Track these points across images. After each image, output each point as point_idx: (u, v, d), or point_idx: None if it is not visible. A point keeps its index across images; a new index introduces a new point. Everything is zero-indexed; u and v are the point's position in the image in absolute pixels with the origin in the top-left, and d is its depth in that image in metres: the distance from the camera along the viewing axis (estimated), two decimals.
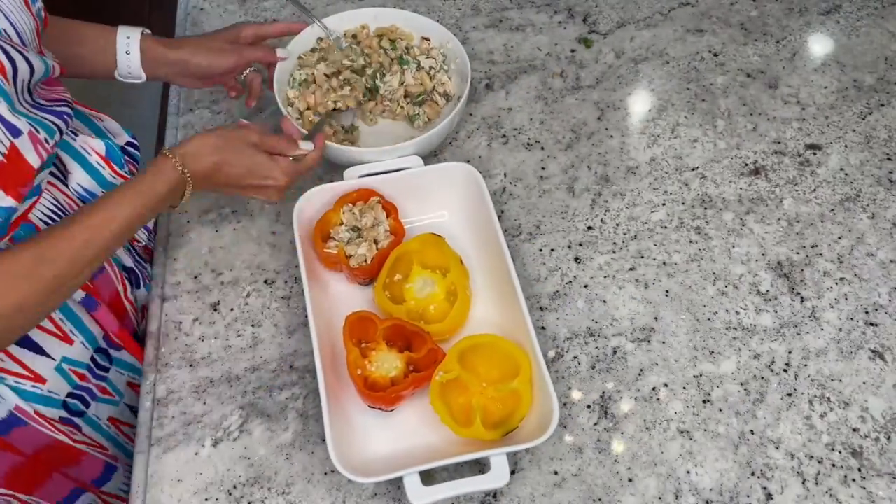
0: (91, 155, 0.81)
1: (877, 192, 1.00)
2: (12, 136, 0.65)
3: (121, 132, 0.90)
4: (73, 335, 0.81)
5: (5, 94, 0.64)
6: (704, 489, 0.78)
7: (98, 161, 0.82)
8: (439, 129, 0.95)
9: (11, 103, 0.65)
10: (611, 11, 1.21)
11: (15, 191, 0.67)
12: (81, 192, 0.80)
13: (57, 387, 0.81)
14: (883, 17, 1.19)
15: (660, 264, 0.94)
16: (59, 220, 0.77)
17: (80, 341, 0.82)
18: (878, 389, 0.84)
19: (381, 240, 0.88)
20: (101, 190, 0.82)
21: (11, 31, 0.67)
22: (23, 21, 0.69)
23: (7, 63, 0.64)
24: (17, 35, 0.68)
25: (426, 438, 0.79)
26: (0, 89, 0.63)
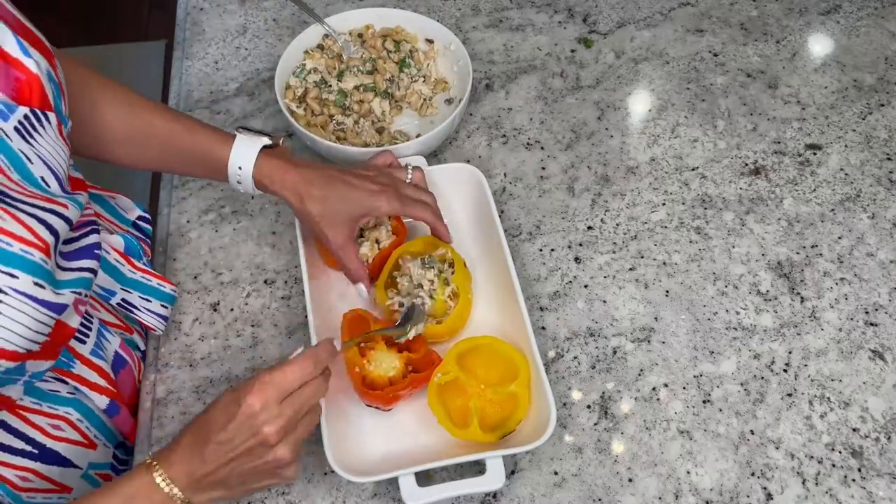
0: (110, 253, 0.78)
1: (877, 192, 1.00)
2: (57, 314, 0.60)
3: (132, 207, 0.89)
4: (97, 439, 0.79)
5: (50, 277, 0.58)
6: (704, 489, 0.78)
7: (117, 258, 0.79)
8: (440, 130, 0.95)
9: (54, 283, 0.59)
10: (611, 11, 1.21)
11: (54, 353, 0.64)
12: (100, 291, 0.77)
13: (82, 491, 0.78)
14: (883, 17, 1.19)
15: (660, 264, 0.94)
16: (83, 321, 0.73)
17: (102, 443, 0.80)
18: (878, 389, 0.84)
19: (382, 240, 0.88)
20: (120, 287, 0.79)
21: (51, 177, 0.61)
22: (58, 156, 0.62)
23: (49, 237, 0.58)
24: (55, 180, 0.62)
25: (423, 439, 0.79)
26: (46, 274, 0.58)
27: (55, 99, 0.63)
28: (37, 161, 0.60)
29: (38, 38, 0.63)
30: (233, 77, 1.12)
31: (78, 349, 0.74)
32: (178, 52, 1.17)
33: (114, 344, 0.80)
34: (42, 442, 0.72)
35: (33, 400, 0.72)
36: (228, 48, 1.16)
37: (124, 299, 0.80)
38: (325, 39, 1.07)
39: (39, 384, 0.72)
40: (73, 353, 0.73)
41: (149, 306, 0.83)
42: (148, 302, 0.83)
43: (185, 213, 0.98)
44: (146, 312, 0.83)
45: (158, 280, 0.84)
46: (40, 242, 0.58)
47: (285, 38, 1.16)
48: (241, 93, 1.10)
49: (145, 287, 0.82)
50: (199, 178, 0.94)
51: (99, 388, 0.76)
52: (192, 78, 1.12)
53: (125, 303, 0.80)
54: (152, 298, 0.83)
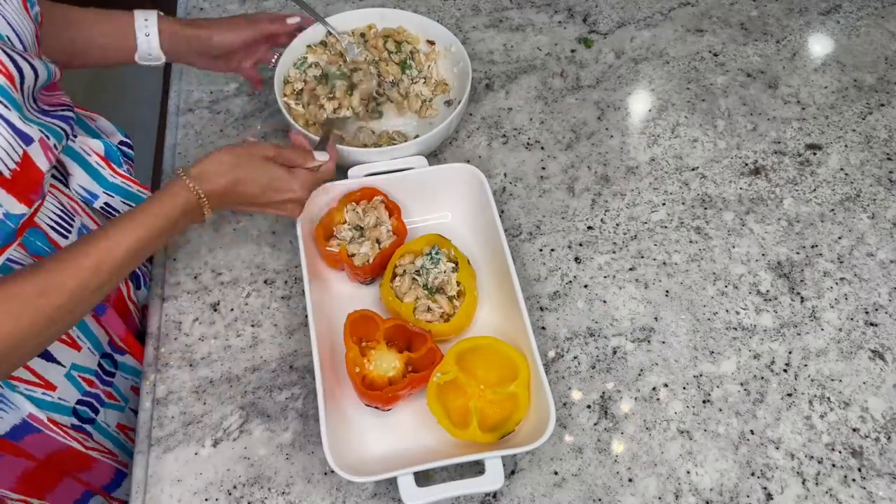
0: (91, 155, 0.81)
1: (877, 192, 1.00)
2: (25, 144, 0.64)
3: (114, 132, 0.90)
4: (81, 341, 0.81)
5: (15, 103, 0.63)
6: (704, 489, 0.78)
7: (98, 161, 0.81)
8: (440, 130, 0.95)
9: (22, 112, 0.64)
10: (611, 11, 1.21)
11: (27, 198, 0.66)
12: (83, 193, 0.80)
13: (67, 394, 0.81)
14: (883, 17, 1.19)
15: (660, 264, 0.93)
16: (64, 222, 0.77)
17: (87, 347, 0.82)
18: (878, 389, 0.84)
19: (383, 240, 0.88)
20: (102, 190, 0.82)
21: (14, 37, 0.66)
22: (23, 26, 0.68)
23: (14, 71, 0.63)
24: (19, 41, 0.67)
25: (423, 439, 0.79)
26: (11, 98, 0.62)
27: None
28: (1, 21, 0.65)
29: None
30: (233, 77, 1.12)
31: (60, 242, 0.76)
32: None
33: None
34: None
35: None
36: None
37: (107, 203, 0.82)
38: (328, 37, 1.07)
39: None
40: (55, 246, 0.75)
41: None
42: (130, 207, 0.84)
43: None
44: None
45: (139, 187, 0.85)
46: (4, 69, 0.62)
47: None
48: (241, 93, 1.10)
49: (127, 192, 0.84)
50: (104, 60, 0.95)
51: None
52: (192, 78, 1.12)
53: (107, 207, 0.82)
54: (134, 204, 0.84)
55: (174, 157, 1.04)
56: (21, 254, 0.72)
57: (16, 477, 0.82)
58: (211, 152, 0.78)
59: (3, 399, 0.75)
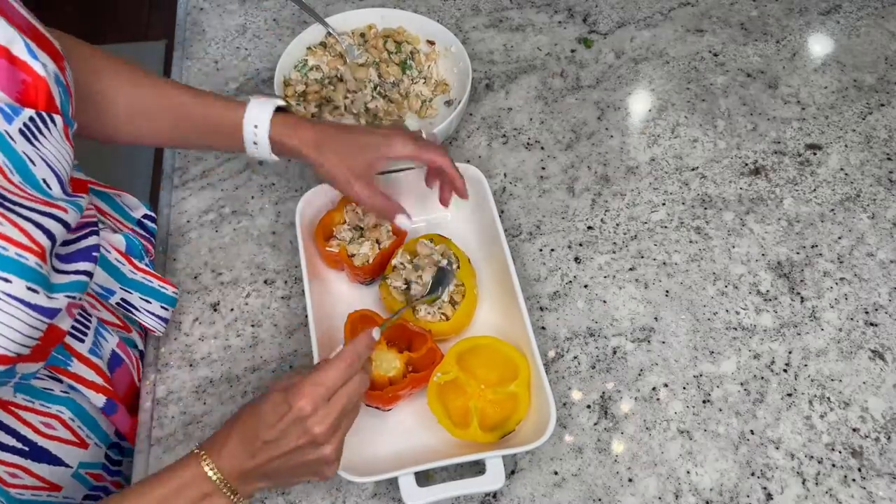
0: (110, 252, 0.78)
1: (877, 192, 1.00)
2: (49, 318, 0.60)
3: (138, 206, 0.88)
4: (89, 439, 0.78)
5: (43, 281, 0.58)
6: (704, 489, 0.78)
7: (117, 258, 0.78)
8: (439, 130, 0.95)
9: (48, 287, 0.59)
10: (611, 11, 1.21)
11: (44, 355, 0.63)
12: (98, 290, 0.77)
13: (73, 492, 0.78)
14: (883, 17, 1.19)
15: (660, 264, 0.94)
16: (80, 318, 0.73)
17: (94, 443, 0.79)
18: (878, 389, 0.84)
19: (383, 240, 0.88)
20: (119, 286, 0.78)
21: (52, 178, 0.60)
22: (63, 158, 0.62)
23: (45, 241, 0.58)
24: (57, 183, 0.61)
25: (423, 439, 0.79)
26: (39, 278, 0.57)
27: (62, 101, 0.62)
28: (40, 163, 0.60)
29: (48, 40, 0.63)
30: (233, 77, 1.12)
31: (76, 347, 0.74)
32: (178, 52, 1.17)
33: (111, 343, 0.80)
34: (33, 440, 0.72)
35: (26, 397, 0.71)
36: (228, 48, 1.16)
37: (124, 299, 0.80)
38: (328, 37, 1.08)
39: (33, 382, 0.72)
40: (70, 352, 0.73)
41: (149, 307, 0.83)
42: (148, 303, 0.82)
43: (185, 213, 0.98)
44: (146, 313, 0.83)
45: (160, 282, 0.83)
46: (36, 247, 0.58)
47: (285, 38, 1.16)
48: (241, 93, 1.10)
49: (146, 288, 0.82)
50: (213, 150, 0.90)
51: (96, 386, 0.75)
52: (192, 78, 1.12)
53: (124, 303, 0.80)
54: (152, 300, 0.83)
55: (174, 156, 1.04)
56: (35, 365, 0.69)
57: None
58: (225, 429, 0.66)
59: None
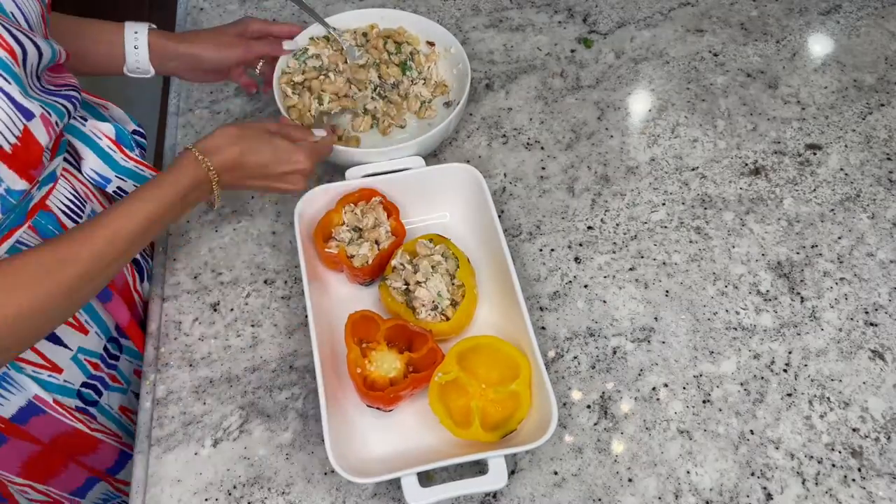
0: (102, 139, 0.81)
1: (877, 192, 1.00)
2: (25, 119, 0.64)
3: (127, 120, 0.90)
4: (89, 325, 0.82)
5: (17, 78, 0.63)
6: (704, 489, 0.78)
7: (109, 145, 0.81)
8: (439, 130, 0.95)
9: (24, 87, 0.64)
10: (611, 11, 1.21)
11: (27, 174, 0.66)
12: (94, 177, 0.80)
13: (72, 376, 0.82)
14: (883, 17, 1.19)
15: (660, 264, 0.94)
16: (75, 206, 0.77)
17: (94, 331, 0.83)
18: (878, 389, 0.84)
19: (382, 241, 0.88)
20: (114, 174, 0.82)
21: (19, 14, 0.66)
22: (29, 5, 0.68)
23: (17, 47, 0.63)
24: (24, 19, 0.67)
25: (425, 439, 0.79)
26: (12, 73, 0.63)
27: None
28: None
29: None
30: None
31: (70, 227, 0.76)
32: None
33: None
34: None
35: None
36: None
37: (119, 188, 0.82)
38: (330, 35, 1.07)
39: None
40: (64, 229, 0.75)
41: None
42: None
43: None
44: None
45: (151, 171, 0.86)
46: (5, 44, 0.62)
47: None
48: (241, 93, 1.10)
49: (139, 176, 0.84)
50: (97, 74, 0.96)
51: None
52: None
53: (120, 191, 0.83)
54: None
55: (174, 156, 1.04)
56: (32, 236, 0.72)
57: (20, 461, 0.83)
58: (218, 127, 0.80)
59: (10, 381, 0.76)
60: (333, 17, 1.07)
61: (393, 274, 0.85)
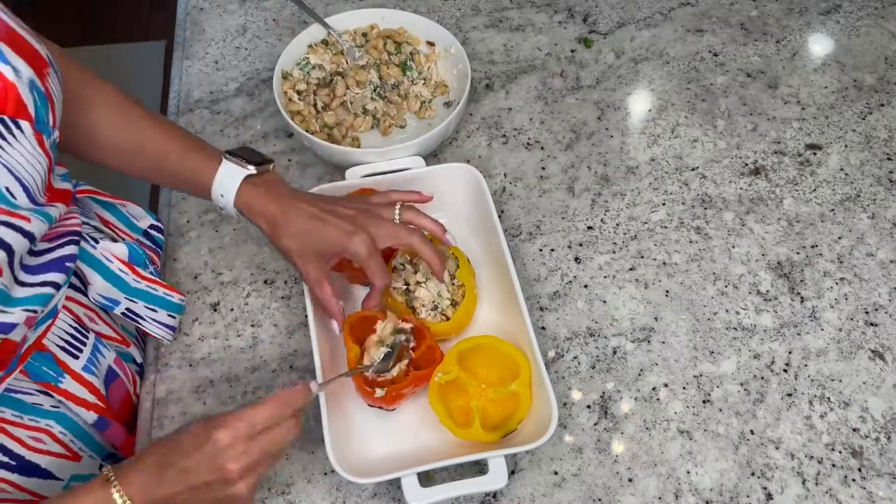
0: (112, 262, 0.76)
1: (877, 192, 1.00)
2: (3, 333, 0.58)
3: (144, 216, 0.87)
4: (82, 452, 0.77)
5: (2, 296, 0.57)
6: (704, 489, 0.78)
7: (120, 267, 0.77)
8: (439, 130, 0.95)
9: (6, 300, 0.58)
10: (611, 11, 1.21)
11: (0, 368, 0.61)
12: (102, 302, 0.77)
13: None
14: (883, 17, 1.19)
15: (660, 264, 0.94)
16: (76, 340, 0.73)
17: (87, 456, 0.78)
18: (878, 389, 0.84)
19: None
20: (124, 296, 0.77)
21: (16, 186, 0.57)
22: (33, 168, 0.59)
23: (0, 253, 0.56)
24: (23, 192, 0.58)
25: (425, 439, 0.79)
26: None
27: (37, 108, 0.59)
28: (2, 171, 0.57)
29: (28, 45, 0.60)
30: (233, 77, 1.12)
31: (70, 364, 0.73)
32: (178, 52, 1.17)
33: (108, 359, 0.79)
34: (21, 454, 0.71)
35: (14, 412, 0.70)
36: (228, 48, 1.16)
37: (129, 308, 0.79)
38: (329, 36, 1.07)
39: (21, 396, 0.70)
40: (63, 368, 0.72)
41: (155, 316, 0.82)
42: (154, 312, 0.81)
43: (185, 213, 0.98)
44: (152, 322, 0.82)
45: (165, 290, 0.82)
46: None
47: (285, 38, 1.16)
48: (241, 93, 1.10)
49: (151, 297, 0.81)
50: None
51: (87, 403, 0.74)
52: (192, 78, 1.12)
53: (130, 312, 0.79)
54: (158, 308, 0.82)
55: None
56: (24, 381, 0.69)
57: None
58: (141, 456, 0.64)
59: None
60: (333, 17, 1.07)
61: (393, 274, 0.85)
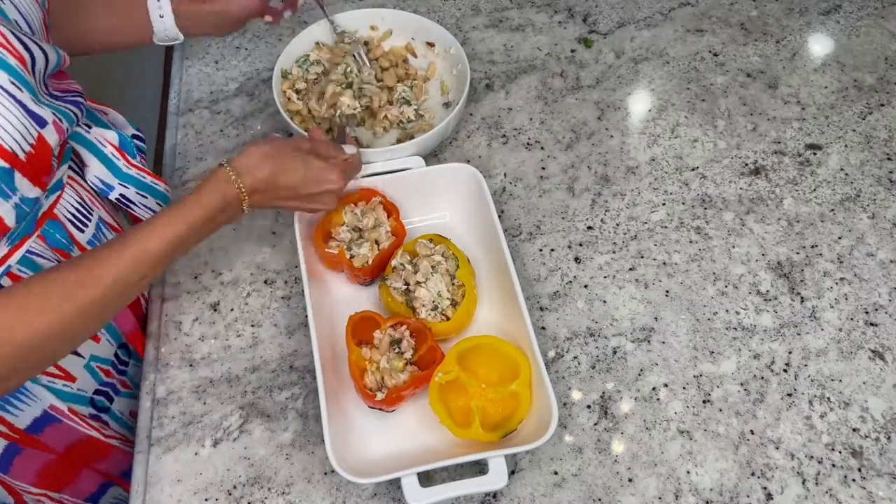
0: (106, 146, 0.80)
1: (877, 192, 1.00)
2: (39, 126, 0.64)
3: (126, 125, 0.89)
4: (101, 333, 0.82)
5: (28, 86, 0.63)
6: (704, 489, 0.78)
7: (112, 152, 0.81)
8: (438, 131, 0.95)
9: (35, 94, 0.64)
10: (611, 11, 1.21)
11: (40, 181, 0.66)
12: (98, 185, 0.80)
13: (85, 384, 0.82)
14: (883, 17, 1.19)
15: (660, 264, 0.94)
16: (82, 214, 0.77)
17: (105, 338, 0.84)
18: (878, 389, 0.84)
19: (382, 241, 0.88)
20: (117, 181, 0.81)
21: (22, 21, 0.66)
22: (31, 11, 0.68)
23: (25, 54, 0.63)
24: (27, 26, 0.67)
25: (425, 439, 0.79)
26: (23, 80, 0.62)
27: None
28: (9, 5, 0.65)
29: None
30: (233, 77, 1.12)
31: (77, 237, 0.76)
32: (178, 52, 1.17)
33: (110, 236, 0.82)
34: None
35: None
36: (228, 48, 1.16)
37: (122, 194, 0.82)
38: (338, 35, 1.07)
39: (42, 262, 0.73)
40: (72, 238, 0.75)
41: (145, 202, 0.85)
42: (144, 198, 0.84)
43: None
44: (143, 208, 0.85)
45: (152, 178, 0.85)
46: (14, 51, 0.61)
47: (285, 38, 1.16)
48: (241, 93, 1.10)
49: (141, 184, 0.84)
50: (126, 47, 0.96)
51: None
52: (192, 78, 1.12)
53: (123, 198, 0.82)
54: (148, 195, 0.85)
55: (174, 156, 1.04)
56: (41, 245, 0.72)
57: (36, 471, 0.83)
58: (250, 143, 0.78)
59: (25, 392, 0.76)
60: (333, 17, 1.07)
61: (393, 274, 0.85)
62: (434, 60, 1.08)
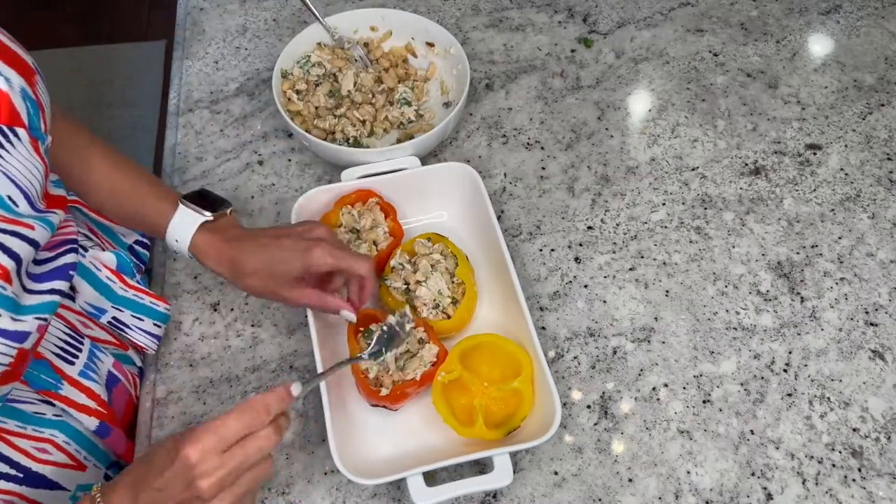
0: (101, 270, 0.78)
1: (877, 192, 1.00)
2: (19, 342, 0.59)
3: (129, 231, 0.87)
4: (87, 461, 0.77)
5: (8, 302, 0.57)
6: (704, 489, 0.78)
7: (108, 276, 0.78)
8: (437, 131, 0.95)
9: (15, 308, 0.58)
10: (611, 11, 1.21)
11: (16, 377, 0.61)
12: (89, 310, 0.77)
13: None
14: (883, 17, 1.19)
15: (660, 264, 0.94)
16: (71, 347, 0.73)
17: (92, 465, 0.78)
18: (878, 389, 0.84)
19: (380, 241, 0.88)
20: (111, 304, 0.78)
21: (17, 194, 0.58)
22: (31, 174, 0.59)
23: (8, 261, 0.56)
24: (23, 197, 0.59)
25: (428, 439, 0.79)
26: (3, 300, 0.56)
27: (30, 116, 0.60)
28: (3, 179, 0.57)
29: (16, 55, 0.60)
30: (233, 77, 1.12)
31: (66, 370, 0.73)
32: (178, 52, 1.17)
33: (106, 363, 0.79)
34: (27, 465, 0.70)
35: (17, 423, 0.70)
36: (228, 48, 1.16)
37: (115, 318, 0.80)
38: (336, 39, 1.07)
39: (23, 406, 0.70)
40: (60, 375, 0.72)
41: (141, 325, 0.82)
42: (140, 321, 0.82)
43: None
44: (138, 331, 0.82)
45: (151, 298, 0.83)
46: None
47: (285, 38, 1.16)
48: (241, 93, 1.10)
49: (137, 305, 0.81)
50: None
51: (87, 409, 0.74)
52: (192, 78, 1.12)
53: (116, 321, 0.80)
54: (144, 317, 0.82)
55: (174, 156, 1.04)
56: (25, 390, 0.69)
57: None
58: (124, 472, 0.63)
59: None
60: (333, 17, 1.07)
61: (392, 274, 0.85)
62: (434, 60, 1.09)
